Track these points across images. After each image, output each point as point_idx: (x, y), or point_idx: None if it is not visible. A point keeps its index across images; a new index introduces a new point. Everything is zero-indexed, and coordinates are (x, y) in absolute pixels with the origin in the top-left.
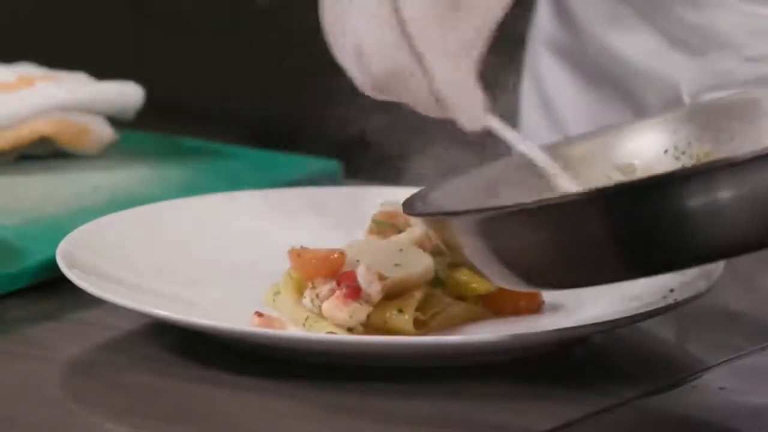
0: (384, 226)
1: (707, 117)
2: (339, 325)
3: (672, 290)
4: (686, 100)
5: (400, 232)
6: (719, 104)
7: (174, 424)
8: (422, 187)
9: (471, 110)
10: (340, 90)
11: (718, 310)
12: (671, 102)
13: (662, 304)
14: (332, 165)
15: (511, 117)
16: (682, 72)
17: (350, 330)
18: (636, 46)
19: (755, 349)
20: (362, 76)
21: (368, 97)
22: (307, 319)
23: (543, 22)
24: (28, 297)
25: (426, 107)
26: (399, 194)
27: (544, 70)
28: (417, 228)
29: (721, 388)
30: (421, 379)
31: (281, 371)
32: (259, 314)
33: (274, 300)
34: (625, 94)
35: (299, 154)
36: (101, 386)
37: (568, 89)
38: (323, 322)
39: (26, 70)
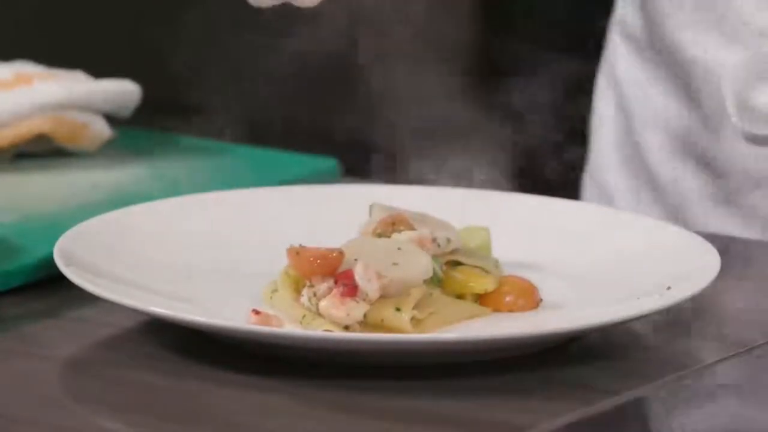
0: (387, 233)
1: None
2: (336, 323)
3: (669, 288)
4: (730, 97)
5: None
6: None
7: (171, 422)
8: None
9: None
10: (340, 89)
11: (716, 308)
12: (722, 99)
13: (660, 301)
14: (331, 163)
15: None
16: (729, 68)
17: (347, 328)
18: (694, 39)
19: (754, 347)
20: None
21: (367, 97)
22: (304, 317)
23: (623, 14)
24: (26, 295)
25: None
26: (394, 194)
27: (620, 63)
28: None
29: (720, 386)
30: (419, 376)
31: (279, 369)
32: (257, 312)
33: (271, 298)
34: (684, 88)
35: (298, 152)
36: (99, 384)
37: (640, 83)
38: (320, 320)
39: (24, 68)
